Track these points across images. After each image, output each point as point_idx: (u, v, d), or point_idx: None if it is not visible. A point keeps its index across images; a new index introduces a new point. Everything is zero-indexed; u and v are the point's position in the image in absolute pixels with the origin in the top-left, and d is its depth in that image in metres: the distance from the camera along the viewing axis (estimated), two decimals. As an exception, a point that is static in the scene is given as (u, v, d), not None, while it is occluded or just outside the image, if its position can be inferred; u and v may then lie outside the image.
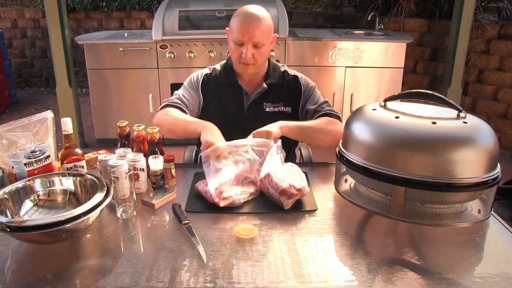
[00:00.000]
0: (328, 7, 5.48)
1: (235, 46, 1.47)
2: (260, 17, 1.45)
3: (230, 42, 1.50)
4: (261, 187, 1.25)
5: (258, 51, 1.47)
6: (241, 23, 1.44)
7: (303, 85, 1.62)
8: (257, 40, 1.44)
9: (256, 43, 1.45)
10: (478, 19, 3.83)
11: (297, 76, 1.64)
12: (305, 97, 1.61)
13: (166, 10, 3.55)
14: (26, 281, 0.92)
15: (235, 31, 1.45)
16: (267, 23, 1.47)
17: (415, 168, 1.04)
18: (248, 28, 1.43)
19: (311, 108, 1.58)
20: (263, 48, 1.48)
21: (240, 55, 1.46)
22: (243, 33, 1.43)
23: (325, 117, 1.52)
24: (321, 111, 1.55)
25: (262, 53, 1.48)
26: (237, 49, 1.47)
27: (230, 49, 1.52)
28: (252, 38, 1.43)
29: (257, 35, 1.43)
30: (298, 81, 1.63)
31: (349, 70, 3.63)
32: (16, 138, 1.24)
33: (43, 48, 5.57)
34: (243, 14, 1.46)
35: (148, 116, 3.62)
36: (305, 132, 1.44)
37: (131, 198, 1.14)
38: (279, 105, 1.60)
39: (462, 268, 0.97)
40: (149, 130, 1.33)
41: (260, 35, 1.44)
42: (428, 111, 1.15)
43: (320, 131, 1.46)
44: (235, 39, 1.46)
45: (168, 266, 0.94)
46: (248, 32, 1.43)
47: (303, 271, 0.93)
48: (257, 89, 1.58)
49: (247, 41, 1.44)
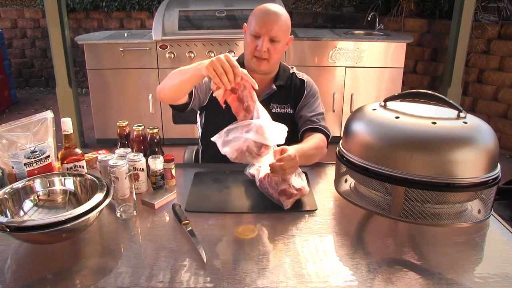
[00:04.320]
0: (328, 7, 5.48)
1: (252, 38, 1.48)
2: (279, 13, 1.47)
3: (247, 35, 1.51)
4: (261, 187, 1.25)
5: (274, 46, 1.47)
6: (260, 16, 1.46)
7: (307, 89, 1.62)
8: (274, 34, 1.45)
9: (273, 37, 1.45)
10: (478, 19, 3.83)
11: (304, 80, 1.65)
12: (304, 101, 1.61)
13: (166, 10, 3.56)
14: (26, 281, 0.92)
15: (254, 23, 1.46)
16: (285, 20, 1.48)
17: (415, 168, 1.04)
18: (267, 21, 1.44)
19: (305, 115, 1.57)
20: (279, 45, 1.48)
21: (255, 48, 1.47)
22: (261, 26, 1.44)
23: (320, 137, 1.51)
24: (315, 124, 1.54)
25: (277, 49, 1.49)
26: (253, 41, 1.47)
27: (246, 43, 1.52)
28: (270, 32, 1.44)
29: (274, 29, 1.44)
30: (304, 85, 1.63)
31: (349, 70, 3.63)
32: (16, 138, 1.23)
33: (43, 48, 5.58)
34: (263, 9, 1.48)
35: (148, 116, 3.63)
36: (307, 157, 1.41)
37: (131, 198, 1.14)
38: (286, 106, 1.60)
39: (462, 268, 0.97)
40: (149, 130, 1.33)
41: (277, 30, 1.45)
42: (428, 111, 1.15)
43: (316, 156, 1.46)
44: (252, 31, 1.46)
45: (168, 266, 0.94)
46: (266, 25, 1.44)
47: (303, 271, 0.93)
48: (266, 90, 1.58)
49: (264, 33, 1.45)
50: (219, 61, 1.13)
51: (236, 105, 1.20)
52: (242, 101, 1.19)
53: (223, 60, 1.14)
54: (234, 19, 3.61)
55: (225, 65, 1.13)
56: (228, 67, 1.13)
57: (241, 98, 1.19)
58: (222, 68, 1.13)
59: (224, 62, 1.13)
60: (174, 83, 1.35)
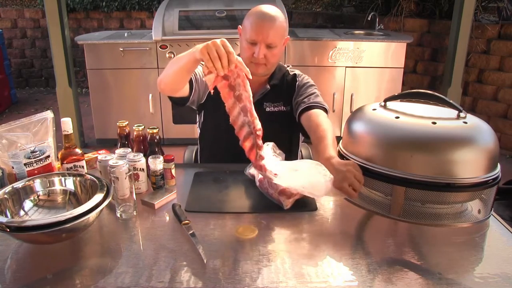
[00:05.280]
0: (328, 7, 5.48)
1: (248, 45, 1.45)
2: (275, 18, 1.43)
3: (242, 41, 1.48)
4: (261, 187, 1.25)
5: (271, 51, 1.45)
6: (256, 23, 1.42)
7: (298, 80, 1.60)
8: (270, 41, 1.42)
9: (269, 43, 1.43)
10: (478, 19, 3.83)
11: (295, 74, 1.63)
12: (298, 92, 1.58)
13: (166, 10, 3.56)
14: (26, 281, 0.92)
15: (249, 30, 1.43)
16: (281, 24, 1.45)
17: (415, 168, 1.04)
18: (263, 27, 1.41)
19: (299, 99, 1.54)
20: (276, 49, 1.46)
21: (252, 54, 1.44)
22: (257, 33, 1.41)
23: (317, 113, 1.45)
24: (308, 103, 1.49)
25: (274, 54, 1.46)
26: (250, 48, 1.44)
27: (242, 48, 1.49)
28: (266, 39, 1.41)
29: (271, 36, 1.41)
30: (296, 78, 1.61)
31: (349, 70, 3.63)
32: (16, 138, 1.23)
33: (43, 48, 5.58)
34: (258, 14, 1.44)
35: (148, 116, 3.63)
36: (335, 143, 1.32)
37: (131, 198, 1.14)
38: (279, 104, 1.59)
39: (462, 268, 0.97)
40: (149, 130, 1.33)
41: (274, 36, 1.42)
42: (428, 111, 1.15)
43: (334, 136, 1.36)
44: (248, 38, 1.43)
45: (168, 266, 0.94)
46: (262, 32, 1.41)
47: (303, 271, 0.93)
48: (261, 90, 1.58)
49: (261, 41, 1.42)
50: (214, 45, 1.08)
51: (226, 91, 1.16)
52: (234, 89, 1.15)
53: (218, 45, 1.07)
54: (234, 19, 3.61)
55: (220, 49, 1.07)
56: (223, 52, 1.07)
57: (233, 85, 1.15)
58: (217, 52, 1.07)
59: (220, 47, 1.07)
60: (171, 71, 1.30)
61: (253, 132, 1.15)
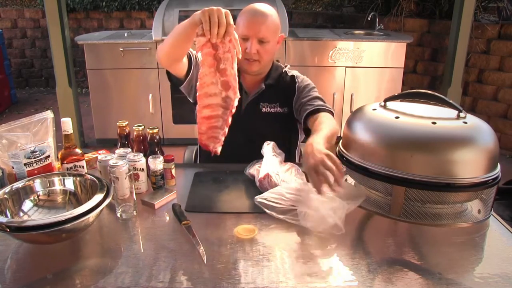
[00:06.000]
0: (328, 7, 5.48)
1: (240, 41, 1.45)
2: (267, 14, 1.45)
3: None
4: (261, 187, 1.25)
5: (263, 47, 1.46)
6: (247, 18, 1.45)
7: (298, 82, 1.59)
8: (262, 36, 1.43)
9: (261, 38, 1.44)
10: (478, 19, 3.83)
11: (294, 75, 1.62)
12: (298, 94, 1.57)
13: (166, 10, 3.56)
14: (26, 281, 0.92)
15: (241, 26, 1.45)
16: (273, 20, 1.46)
17: (415, 168, 1.04)
18: (254, 22, 1.43)
19: (302, 102, 1.53)
20: (268, 45, 1.47)
21: (245, 50, 1.45)
22: (249, 27, 1.43)
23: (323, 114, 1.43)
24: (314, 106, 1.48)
25: (267, 50, 1.47)
26: (242, 44, 1.44)
27: None
28: (258, 33, 1.43)
29: (262, 30, 1.43)
30: (294, 80, 1.60)
31: (349, 70, 3.63)
32: (16, 138, 1.23)
33: (43, 48, 5.58)
34: (250, 10, 1.46)
35: (148, 116, 3.63)
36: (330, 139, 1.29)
37: (131, 198, 1.14)
38: (276, 105, 1.58)
39: (462, 268, 0.97)
40: (149, 130, 1.33)
41: (265, 31, 1.43)
42: (428, 111, 1.15)
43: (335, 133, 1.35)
44: (240, 33, 1.44)
45: (168, 266, 0.94)
46: (254, 26, 1.43)
47: (303, 271, 0.92)
48: (256, 89, 1.57)
49: (252, 35, 1.43)
50: (217, 11, 1.09)
51: (209, 60, 1.14)
52: (219, 61, 1.14)
53: (222, 13, 1.09)
54: (234, 19, 3.60)
55: (221, 17, 1.09)
56: (223, 21, 1.09)
57: (219, 57, 1.14)
58: (218, 19, 1.09)
59: (222, 15, 1.09)
60: (170, 38, 1.28)
61: (228, 108, 1.16)
